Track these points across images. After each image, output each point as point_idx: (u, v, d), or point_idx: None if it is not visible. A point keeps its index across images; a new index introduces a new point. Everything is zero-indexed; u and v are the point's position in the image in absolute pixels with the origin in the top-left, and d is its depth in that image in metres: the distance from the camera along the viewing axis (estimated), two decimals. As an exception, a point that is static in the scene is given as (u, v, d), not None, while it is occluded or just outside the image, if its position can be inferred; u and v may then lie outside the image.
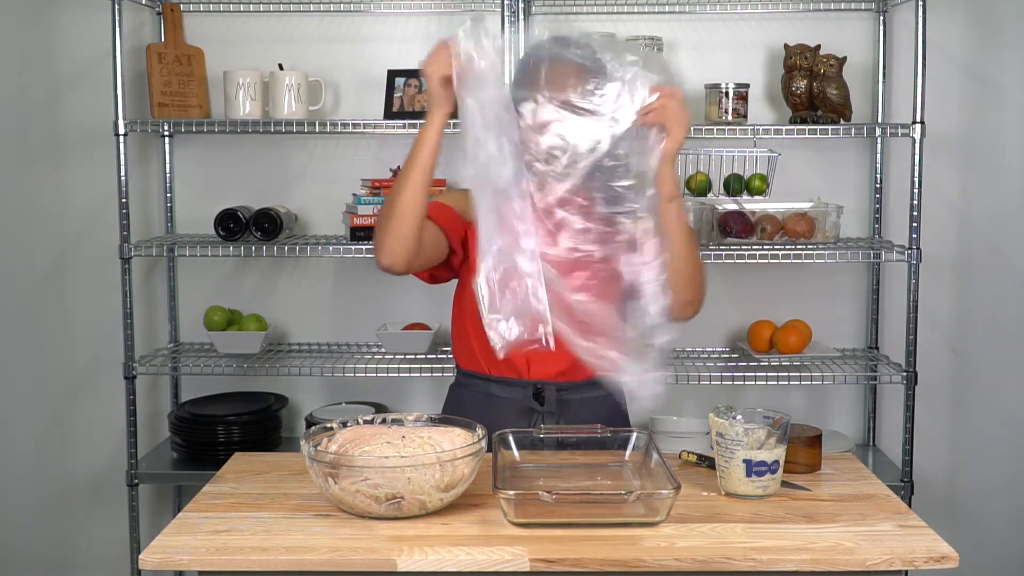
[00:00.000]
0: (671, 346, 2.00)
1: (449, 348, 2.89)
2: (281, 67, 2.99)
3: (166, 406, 3.23)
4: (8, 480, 3.20)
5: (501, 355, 1.94)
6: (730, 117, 2.88)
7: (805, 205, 2.95)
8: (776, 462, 1.81)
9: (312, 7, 3.08)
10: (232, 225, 2.90)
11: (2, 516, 3.21)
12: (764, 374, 2.86)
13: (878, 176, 3.11)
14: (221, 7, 3.08)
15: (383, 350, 3.05)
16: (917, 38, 2.77)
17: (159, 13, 3.08)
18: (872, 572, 1.59)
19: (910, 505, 2.51)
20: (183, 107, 3.00)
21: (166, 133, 3.12)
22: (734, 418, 1.83)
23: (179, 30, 3.04)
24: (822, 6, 3.06)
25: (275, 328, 3.18)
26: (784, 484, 1.86)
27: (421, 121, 2.84)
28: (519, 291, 1.92)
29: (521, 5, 2.84)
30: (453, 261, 2.15)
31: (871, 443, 3.20)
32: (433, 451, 1.73)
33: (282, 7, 3.08)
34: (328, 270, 3.19)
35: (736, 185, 2.89)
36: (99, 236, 3.11)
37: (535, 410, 2.12)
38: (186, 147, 3.17)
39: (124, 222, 2.87)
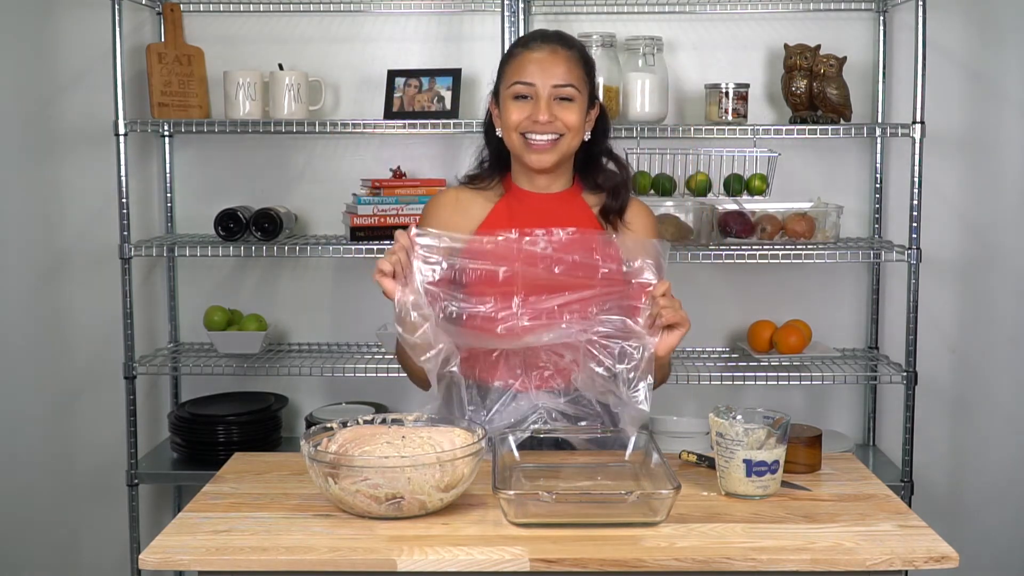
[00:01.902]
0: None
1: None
2: (281, 67, 2.99)
3: (166, 406, 3.23)
4: (9, 480, 3.20)
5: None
6: (730, 117, 2.88)
7: (805, 205, 2.95)
8: (776, 462, 1.81)
9: (312, 7, 3.08)
10: (232, 225, 2.90)
11: (3, 516, 3.21)
12: (764, 374, 2.86)
13: (878, 176, 3.11)
14: (221, 7, 3.08)
15: (383, 350, 3.05)
16: (917, 38, 2.77)
17: (159, 13, 3.08)
18: (872, 572, 1.59)
19: (910, 505, 2.51)
20: (183, 107, 3.00)
21: (166, 133, 3.12)
22: (734, 418, 1.83)
23: (179, 30, 3.04)
24: (822, 6, 3.06)
25: (275, 328, 3.18)
26: (784, 484, 1.86)
27: (421, 122, 2.88)
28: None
29: (521, 5, 2.84)
30: None
31: (871, 443, 3.20)
32: (433, 451, 1.73)
33: (282, 7, 3.08)
34: (328, 270, 3.19)
35: (736, 185, 2.89)
36: (99, 236, 3.11)
37: None
38: (186, 147, 3.17)
39: (124, 222, 2.87)
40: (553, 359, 2.01)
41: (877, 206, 3.11)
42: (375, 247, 2.86)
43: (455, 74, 2.99)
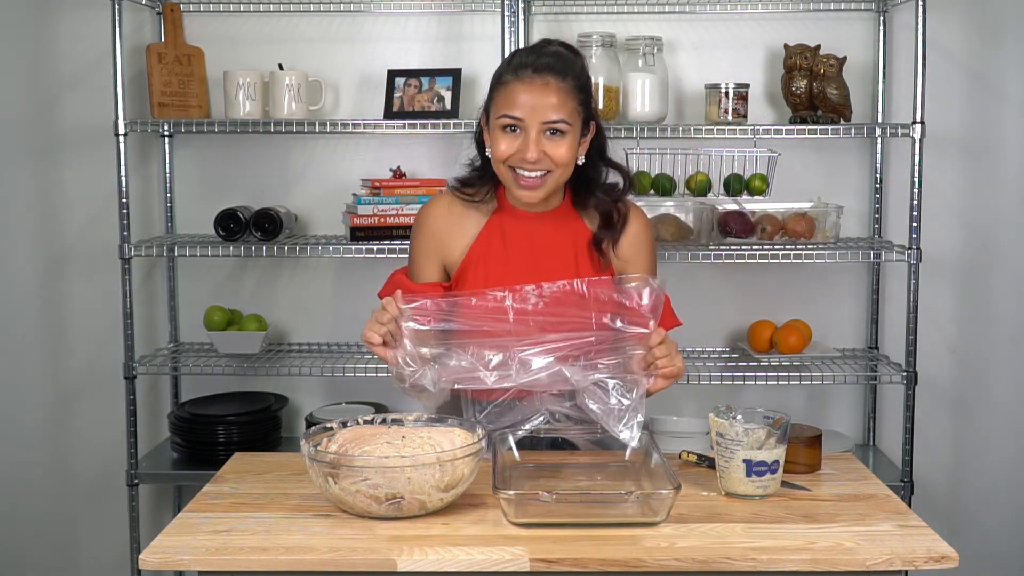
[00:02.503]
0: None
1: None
2: (281, 67, 2.99)
3: (166, 406, 3.23)
4: (8, 480, 3.20)
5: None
6: (730, 117, 2.88)
7: (805, 205, 2.95)
8: (776, 462, 1.81)
9: (312, 7, 3.08)
10: (232, 225, 2.90)
11: (3, 516, 3.21)
12: (764, 374, 2.86)
13: (878, 176, 3.11)
14: (221, 7, 3.08)
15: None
16: (917, 38, 2.77)
17: (159, 13, 3.08)
18: (872, 572, 1.59)
19: (910, 505, 2.51)
20: (183, 107, 3.00)
21: (166, 133, 3.11)
22: (734, 418, 1.83)
23: (179, 30, 3.04)
24: (822, 6, 3.06)
25: (275, 328, 3.18)
26: (784, 484, 1.86)
27: (421, 122, 2.88)
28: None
29: (521, 5, 2.84)
30: None
31: (871, 443, 3.20)
32: (433, 451, 1.73)
33: (282, 7, 3.08)
34: (328, 270, 3.19)
35: (736, 185, 2.89)
36: (99, 236, 3.11)
37: None
38: (186, 147, 3.17)
39: (124, 222, 2.87)
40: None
41: (877, 206, 3.11)
42: (375, 247, 2.86)
43: (455, 74, 2.99)
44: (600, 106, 2.86)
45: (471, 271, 2.11)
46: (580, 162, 2.09)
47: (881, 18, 3.05)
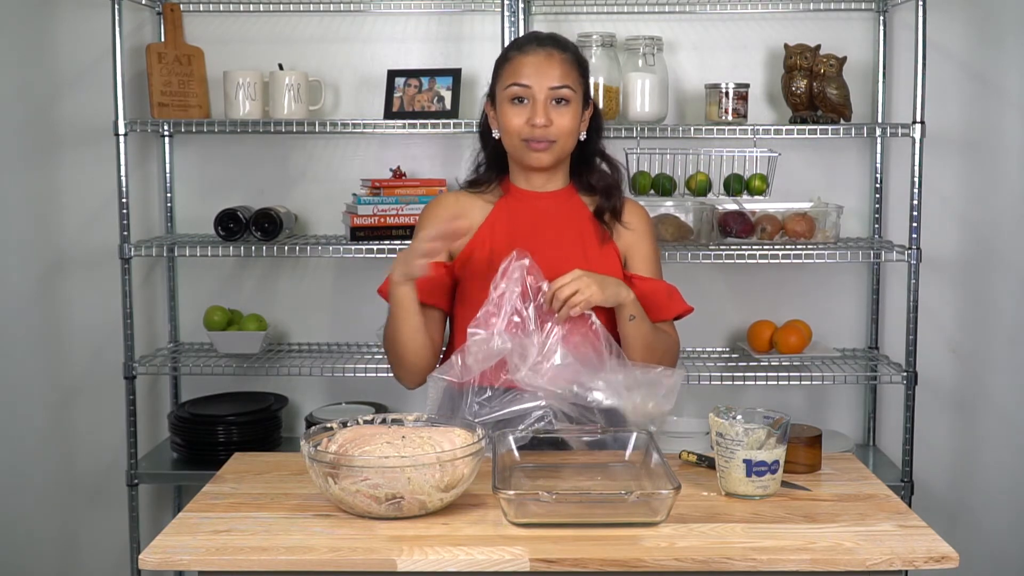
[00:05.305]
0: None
1: (449, 348, 2.89)
2: (281, 67, 2.99)
3: (166, 406, 3.23)
4: (9, 480, 3.20)
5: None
6: (730, 117, 2.88)
7: (805, 205, 2.95)
8: (776, 462, 1.81)
9: (312, 7, 3.08)
10: (232, 225, 2.90)
11: (3, 516, 3.21)
12: (764, 374, 2.86)
13: (878, 176, 3.11)
14: (221, 7, 3.08)
15: (383, 350, 3.05)
16: (917, 38, 2.77)
17: (159, 13, 3.08)
18: (872, 572, 1.59)
19: (910, 505, 2.51)
20: (183, 107, 3.00)
21: (166, 133, 3.12)
22: (734, 418, 1.83)
23: (179, 30, 3.04)
24: (822, 6, 3.06)
25: (275, 328, 3.18)
26: (784, 484, 1.86)
27: (421, 122, 2.88)
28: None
29: (521, 5, 2.84)
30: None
31: (871, 443, 3.20)
32: (433, 451, 1.73)
33: (282, 7, 3.08)
34: (328, 270, 3.19)
35: (736, 185, 2.89)
36: (99, 236, 3.11)
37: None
38: (186, 147, 3.17)
39: (124, 222, 2.87)
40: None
41: (877, 206, 3.11)
42: (375, 247, 2.86)
43: (455, 74, 2.99)
44: (600, 106, 2.87)
45: (477, 249, 2.15)
46: (582, 137, 2.17)
47: (881, 18, 3.05)
